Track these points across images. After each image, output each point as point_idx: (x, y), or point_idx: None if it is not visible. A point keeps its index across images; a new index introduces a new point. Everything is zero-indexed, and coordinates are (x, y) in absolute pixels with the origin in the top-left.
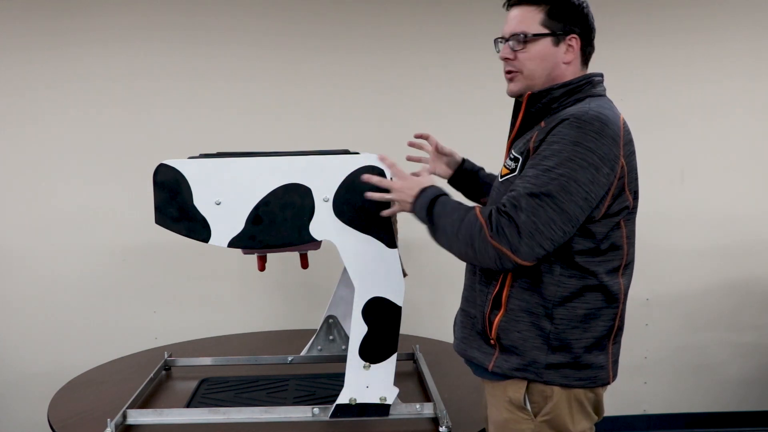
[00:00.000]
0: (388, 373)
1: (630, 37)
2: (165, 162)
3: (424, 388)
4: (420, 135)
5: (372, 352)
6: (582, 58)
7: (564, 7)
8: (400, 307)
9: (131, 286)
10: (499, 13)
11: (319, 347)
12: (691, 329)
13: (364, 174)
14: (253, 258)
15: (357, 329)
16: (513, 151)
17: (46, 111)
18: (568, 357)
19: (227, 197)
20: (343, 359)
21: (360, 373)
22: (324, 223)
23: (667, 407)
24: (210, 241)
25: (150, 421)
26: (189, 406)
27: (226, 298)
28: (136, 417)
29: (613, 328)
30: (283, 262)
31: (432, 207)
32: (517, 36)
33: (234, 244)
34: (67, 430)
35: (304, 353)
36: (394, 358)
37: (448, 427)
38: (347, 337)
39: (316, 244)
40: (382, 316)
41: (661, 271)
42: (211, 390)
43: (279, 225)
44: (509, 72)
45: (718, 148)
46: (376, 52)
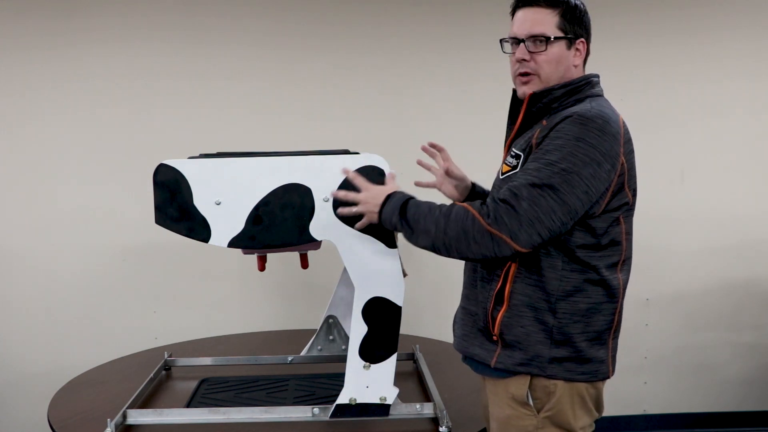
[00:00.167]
0: (388, 373)
1: (630, 37)
2: (165, 162)
3: (424, 388)
4: (434, 145)
5: (372, 352)
6: (584, 61)
7: (574, 12)
8: (400, 307)
9: (131, 286)
10: (499, 13)
11: (319, 347)
12: (691, 329)
13: (333, 190)
14: (253, 258)
15: (357, 329)
16: (514, 148)
17: (46, 111)
18: (571, 351)
19: (227, 197)
20: (343, 359)
21: (360, 373)
22: (324, 223)
23: (667, 407)
24: (210, 241)
25: (150, 421)
26: (189, 406)
27: (226, 298)
28: (136, 417)
29: (612, 323)
30: (283, 262)
31: (404, 211)
32: (537, 38)
33: (234, 244)
34: (67, 430)
35: (304, 353)
36: (394, 358)
37: (448, 427)
38: (347, 337)
39: (316, 244)
40: (382, 316)
41: (661, 271)
42: (211, 390)
43: (279, 225)
44: (525, 74)
45: (718, 148)
46: (376, 52)
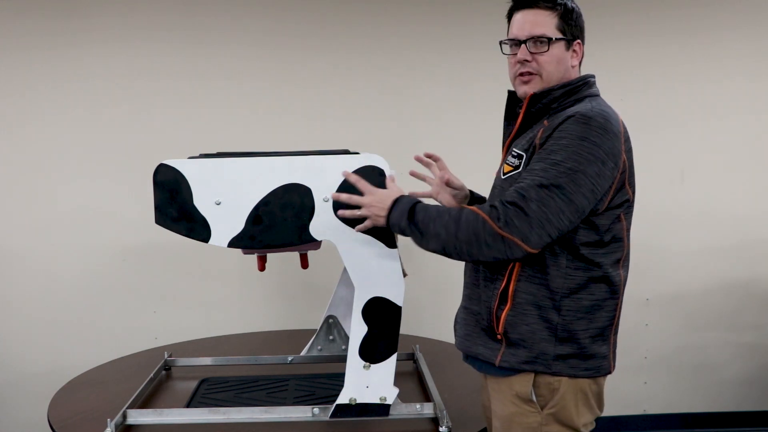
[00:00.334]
0: (388, 373)
1: (630, 37)
2: (165, 162)
3: (424, 388)
4: (430, 155)
5: (372, 352)
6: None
7: (571, 14)
8: (400, 307)
9: (131, 286)
10: (498, 14)
11: (319, 347)
12: (691, 329)
13: (333, 192)
14: (253, 258)
15: (357, 329)
16: (515, 148)
17: (46, 111)
18: (575, 347)
19: (227, 197)
20: (343, 359)
21: (360, 373)
22: (324, 223)
23: (667, 407)
24: (210, 241)
25: (150, 421)
26: (189, 406)
27: (226, 298)
28: (136, 417)
29: (614, 319)
30: (283, 262)
31: (413, 215)
32: (539, 38)
33: (234, 244)
34: (67, 430)
35: (304, 353)
36: (394, 358)
37: (448, 427)
38: (347, 337)
39: (316, 244)
40: (382, 316)
41: (661, 271)
42: (211, 390)
43: (279, 225)
44: (525, 74)
45: (718, 148)
46: (376, 52)
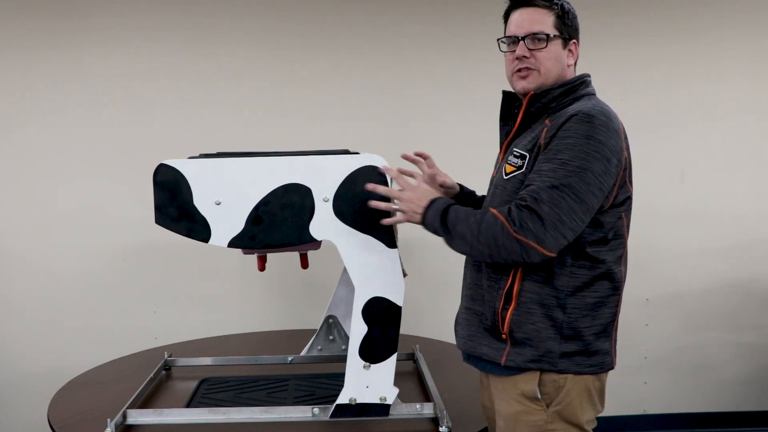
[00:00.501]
0: (388, 373)
1: (630, 37)
2: (165, 162)
3: (424, 388)
4: (420, 154)
5: (372, 352)
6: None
7: (568, 14)
8: (400, 307)
9: (131, 286)
10: (498, 14)
11: (319, 347)
12: (691, 329)
13: (369, 183)
14: (253, 258)
15: (357, 329)
16: (516, 148)
17: (46, 111)
18: (580, 345)
19: (227, 197)
20: (343, 359)
21: (360, 373)
22: (324, 223)
23: (667, 407)
24: (210, 241)
25: (150, 421)
26: (189, 406)
27: (226, 298)
28: (136, 417)
29: (615, 315)
30: (283, 262)
31: (445, 216)
32: (537, 35)
33: (234, 244)
34: (67, 430)
35: (304, 353)
36: (394, 358)
37: (448, 427)
38: (347, 337)
39: (316, 244)
40: (382, 316)
41: (661, 271)
42: (211, 390)
43: (279, 225)
44: (523, 69)
45: (718, 148)
46: (376, 53)
